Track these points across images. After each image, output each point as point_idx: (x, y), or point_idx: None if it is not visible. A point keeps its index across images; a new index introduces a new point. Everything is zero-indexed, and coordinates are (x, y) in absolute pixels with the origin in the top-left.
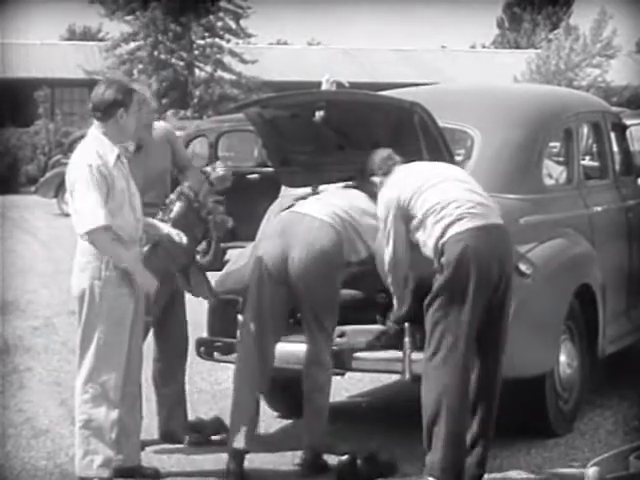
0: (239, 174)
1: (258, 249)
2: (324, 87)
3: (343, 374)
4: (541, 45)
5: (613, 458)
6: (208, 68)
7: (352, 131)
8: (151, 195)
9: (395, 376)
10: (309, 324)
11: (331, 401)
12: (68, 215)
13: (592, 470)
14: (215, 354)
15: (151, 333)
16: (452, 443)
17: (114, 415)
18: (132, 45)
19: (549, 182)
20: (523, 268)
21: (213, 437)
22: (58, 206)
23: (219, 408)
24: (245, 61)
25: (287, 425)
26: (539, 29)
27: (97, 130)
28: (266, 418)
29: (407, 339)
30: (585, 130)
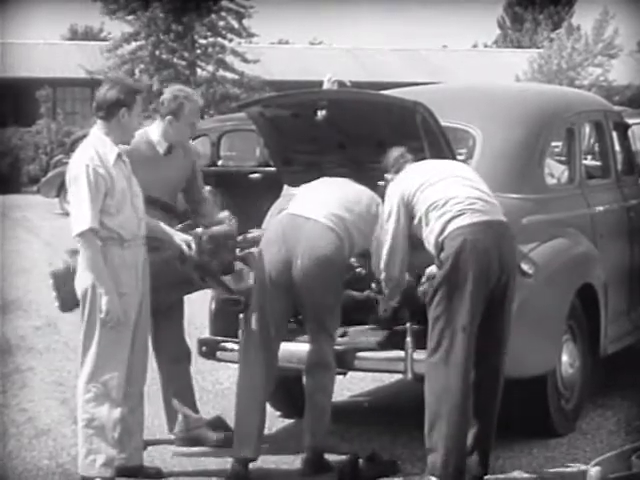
0: (241, 173)
1: (260, 254)
2: (326, 86)
3: (345, 374)
4: (543, 44)
5: (615, 458)
6: (210, 68)
7: (354, 130)
8: (166, 197)
9: (397, 376)
10: (312, 326)
11: (333, 401)
12: (70, 215)
13: (594, 470)
14: (217, 354)
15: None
16: (453, 443)
17: (116, 414)
18: (134, 45)
19: (551, 181)
20: (525, 268)
21: (215, 437)
22: (60, 206)
23: (221, 407)
24: (247, 60)
25: (289, 425)
26: (541, 28)
27: (99, 130)
28: (268, 417)
29: (409, 338)
30: (587, 129)
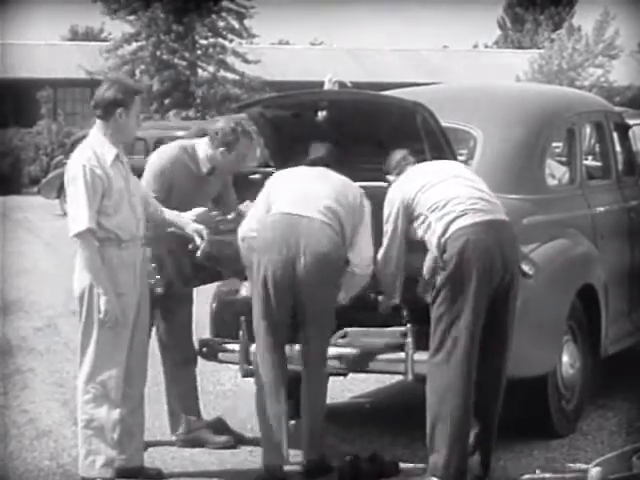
0: (241, 174)
1: (259, 258)
2: (326, 87)
3: (346, 375)
4: (544, 45)
5: (616, 459)
6: (211, 68)
7: (354, 131)
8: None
9: (398, 377)
10: (309, 326)
11: (334, 402)
12: (68, 215)
13: (595, 470)
14: (218, 355)
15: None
16: (455, 443)
17: (115, 415)
18: (134, 45)
19: (551, 182)
20: (525, 268)
21: (216, 438)
22: (60, 207)
23: (222, 408)
24: (248, 61)
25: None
26: (541, 29)
27: (98, 130)
28: None
29: (410, 340)
30: (588, 130)
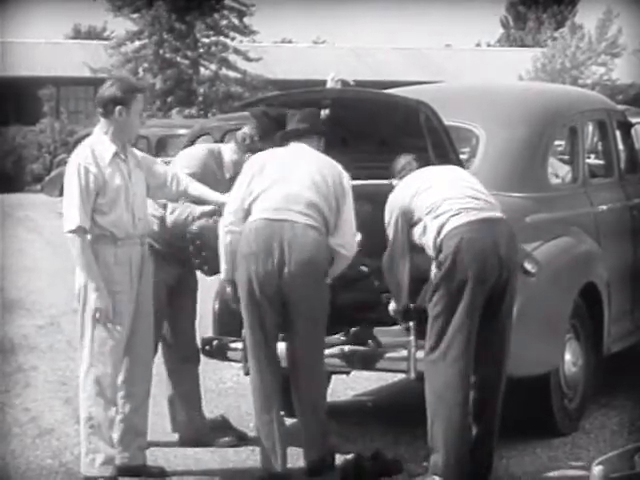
0: None
1: (242, 267)
2: (329, 85)
3: (348, 373)
4: (546, 43)
5: (618, 457)
6: (213, 66)
7: (357, 129)
8: None
9: (400, 375)
10: (304, 328)
11: (336, 400)
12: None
13: (597, 469)
14: (220, 353)
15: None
16: (454, 441)
17: (111, 414)
18: (137, 43)
19: (554, 180)
20: (528, 267)
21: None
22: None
23: (224, 406)
24: (250, 59)
25: (290, 424)
26: (544, 27)
27: (100, 128)
28: None
29: (412, 338)
30: (590, 128)
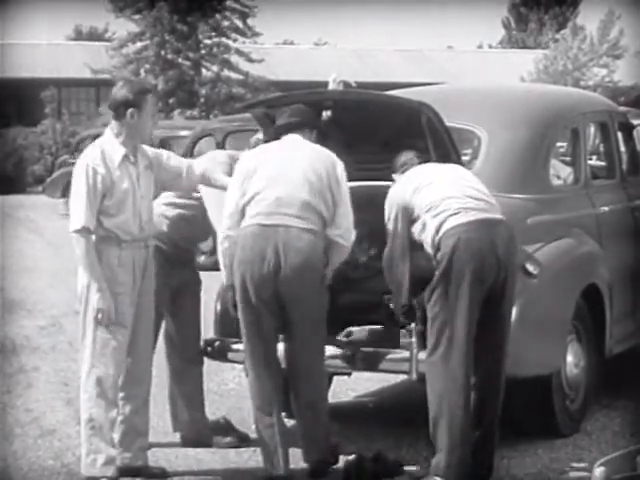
0: None
1: (239, 275)
2: (331, 87)
3: (350, 374)
4: (548, 45)
5: (620, 458)
6: (215, 68)
7: (359, 131)
8: None
9: (402, 376)
10: (302, 330)
11: (338, 401)
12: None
13: (599, 470)
14: (222, 354)
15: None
16: (455, 442)
17: (113, 414)
18: (139, 45)
19: (556, 182)
20: (530, 268)
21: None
22: (64, 206)
23: (226, 408)
24: (252, 60)
25: (292, 425)
26: (546, 29)
27: (111, 130)
28: None
29: (414, 339)
30: (592, 130)
